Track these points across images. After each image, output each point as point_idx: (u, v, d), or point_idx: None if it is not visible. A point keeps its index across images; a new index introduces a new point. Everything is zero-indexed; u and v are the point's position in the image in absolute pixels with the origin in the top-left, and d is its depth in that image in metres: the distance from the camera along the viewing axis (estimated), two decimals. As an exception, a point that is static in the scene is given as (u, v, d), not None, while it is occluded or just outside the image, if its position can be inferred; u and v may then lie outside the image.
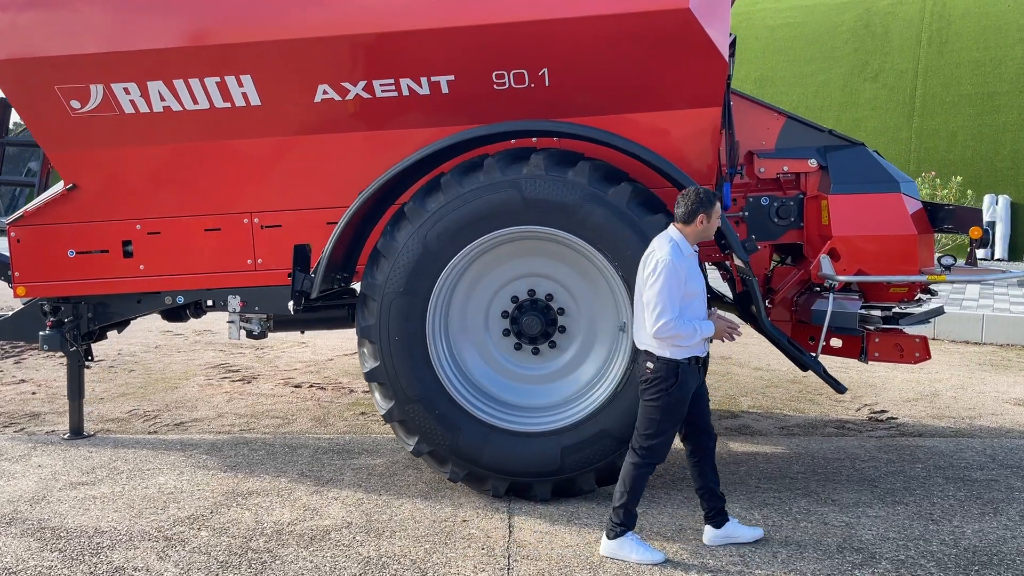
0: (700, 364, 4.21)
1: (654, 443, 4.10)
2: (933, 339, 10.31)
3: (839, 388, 4.95)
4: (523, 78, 5.02)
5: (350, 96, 5.15)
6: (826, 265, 4.97)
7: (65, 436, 6.11)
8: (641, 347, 4.19)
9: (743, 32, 19.37)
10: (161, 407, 7.03)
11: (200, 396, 7.38)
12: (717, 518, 4.30)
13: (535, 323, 4.97)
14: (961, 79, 16.36)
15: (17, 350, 9.30)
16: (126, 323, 6.50)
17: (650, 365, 4.11)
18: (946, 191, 13.40)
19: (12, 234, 5.73)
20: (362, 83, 5.11)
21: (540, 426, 4.84)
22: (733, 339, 4.28)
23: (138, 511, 4.70)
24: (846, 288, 5.07)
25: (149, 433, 6.28)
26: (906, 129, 16.41)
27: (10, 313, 6.21)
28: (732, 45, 5.33)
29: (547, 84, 5.04)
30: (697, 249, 4.25)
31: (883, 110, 16.81)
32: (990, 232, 5.26)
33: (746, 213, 5.36)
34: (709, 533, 4.30)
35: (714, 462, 4.31)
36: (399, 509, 4.76)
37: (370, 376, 4.86)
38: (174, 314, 6.15)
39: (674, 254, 4.04)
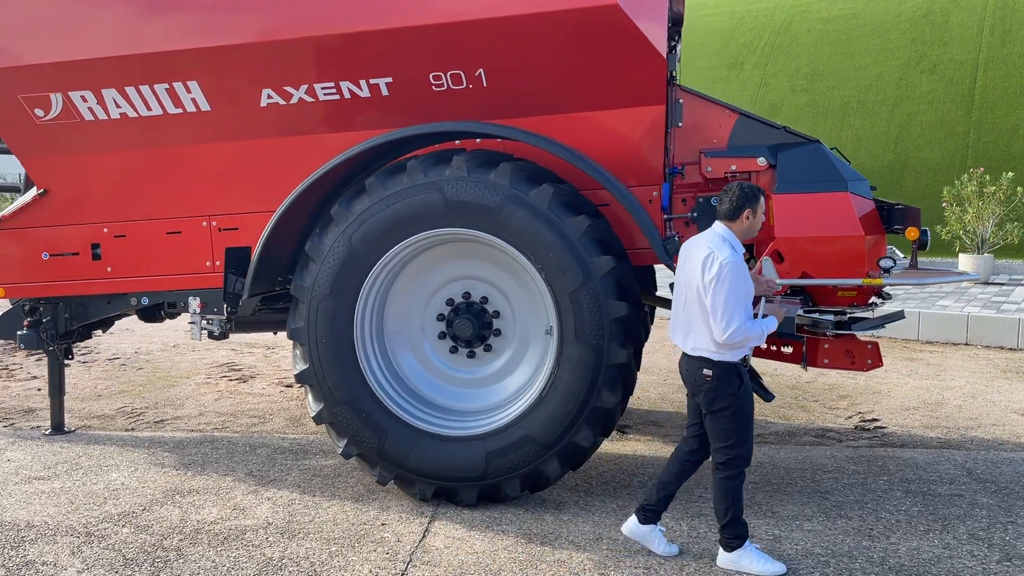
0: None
1: (740, 451, 3.93)
2: (965, 344, 9.82)
3: (767, 396, 4.75)
4: (460, 79, 4.99)
5: (294, 100, 5.21)
6: (767, 267, 4.77)
7: (47, 432, 6.35)
8: (695, 354, 3.99)
9: (796, 25, 18.84)
10: (150, 405, 7.24)
11: (191, 394, 7.57)
12: (649, 514, 4.16)
13: (467, 326, 4.92)
14: (1024, 70, 15.53)
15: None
16: (110, 323, 6.73)
17: (707, 372, 3.93)
18: (994, 187, 12.72)
19: (-9, 238, 5.99)
20: (304, 87, 5.15)
21: (466, 430, 4.80)
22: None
23: (76, 506, 4.85)
24: (794, 291, 4.87)
25: (126, 430, 6.48)
26: (964, 123, 15.67)
27: (-1, 313, 6.49)
28: (677, 40, 5.16)
29: (485, 85, 4.99)
30: (743, 249, 4.08)
31: (940, 103, 16.08)
32: (928, 233, 4.94)
33: (695, 214, 5.20)
34: (631, 523, 4.18)
35: (694, 471, 4.21)
36: (325, 511, 4.78)
37: (300, 378, 4.90)
38: (150, 314, 6.32)
39: (734, 254, 3.90)
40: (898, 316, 5.22)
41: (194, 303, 5.72)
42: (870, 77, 17.07)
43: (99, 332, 6.81)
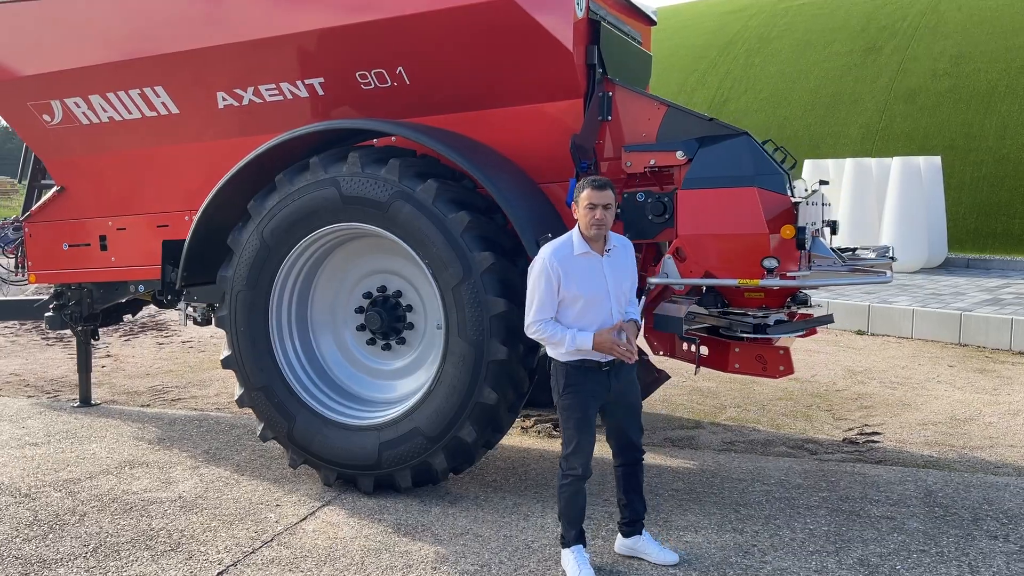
0: (608, 369, 3.81)
1: (567, 453, 3.86)
2: (1062, 355, 8.76)
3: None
4: (384, 77, 5.12)
5: (245, 101, 5.54)
6: (669, 266, 4.57)
7: (75, 404, 7.07)
8: None
9: (943, 5, 17.34)
10: (181, 384, 7.87)
11: (223, 376, 8.14)
12: (627, 528, 4.12)
13: (375, 319, 5.05)
14: None
15: (138, 329, 10.75)
16: (137, 307, 7.39)
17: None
18: None
19: (26, 229, 6.77)
20: (251, 89, 5.47)
21: (365, 420, 4.93)
22: (627, 359, 3.74)
23: (39, 470, 5.41)
24: (695, 291, 4.65)
25: (142, 406, 7.09)
26: None
27: (45, 298, 7.30)
28: (597, 32, 5.00)
29: (408, 82, 5.10)
30: (612, 249, 3.82)
31: (1101, 85, 14.33)
32: (806, 231, 4.50)
33: (620, 210, 5.03)
34: (617, 541, 4.16)
35: (639, 481, 4.06)
36: (240, 489, 5.06)
37: (224, 364, 5.21)
38: (160, 300, 6.89)
39: (553, 252, 3.73)
40: (827, 320, 4.83)
41: (178, 292, 6.18)
42: (1023, 58, 15.45)
43: (129, 316, 7.49)
